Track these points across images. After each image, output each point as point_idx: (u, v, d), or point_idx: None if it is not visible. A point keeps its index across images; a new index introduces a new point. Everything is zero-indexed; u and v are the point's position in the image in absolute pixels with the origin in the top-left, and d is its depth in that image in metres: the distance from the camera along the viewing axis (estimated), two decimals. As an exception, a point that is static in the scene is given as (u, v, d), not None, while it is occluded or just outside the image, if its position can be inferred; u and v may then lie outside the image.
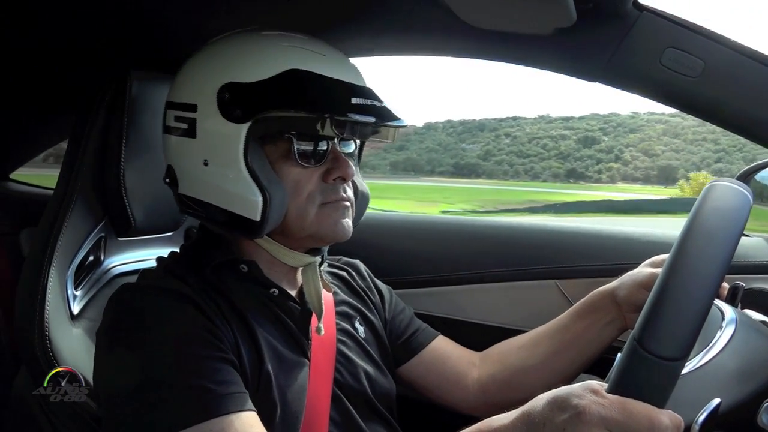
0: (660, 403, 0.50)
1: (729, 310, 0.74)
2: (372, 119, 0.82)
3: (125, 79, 1.02)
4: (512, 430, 0.57)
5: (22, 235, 1.51)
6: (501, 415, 0.60)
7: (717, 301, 0.78)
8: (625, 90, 1.07)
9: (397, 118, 0.86)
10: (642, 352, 0.50)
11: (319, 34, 0.89)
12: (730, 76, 0.97)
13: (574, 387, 0.55)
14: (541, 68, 1.15)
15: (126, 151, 1.02)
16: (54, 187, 1.06)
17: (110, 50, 1.17)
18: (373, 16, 1.16)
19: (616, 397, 0.51)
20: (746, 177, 1.12)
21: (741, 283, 0.83)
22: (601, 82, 1.08)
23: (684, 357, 0.50)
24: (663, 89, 1.02)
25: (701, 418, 0.52)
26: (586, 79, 1.10)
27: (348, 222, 0.88)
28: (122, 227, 1.08)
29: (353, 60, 0.92)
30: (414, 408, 1.07)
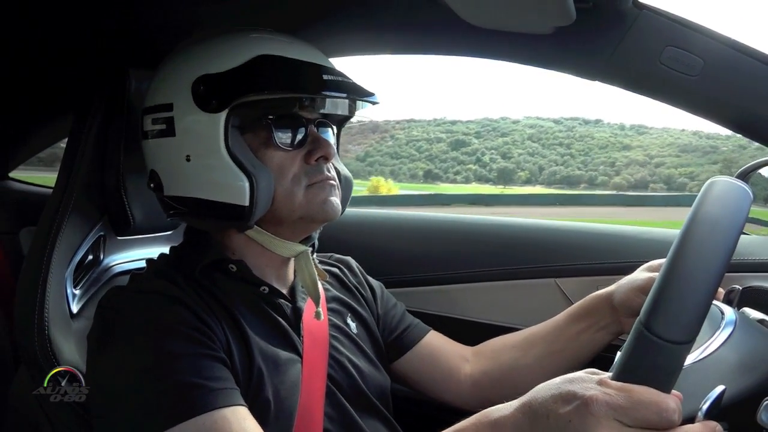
0: (666, 388, 0.50)
1: (728, 310, 0.74)
2: (345, 95, 0.84)
3: (124, 78, 1.02)
4: (512, 421, 0.56)
5: (22, 234, 1.51)
6: (500, 406, 0.59)
7: (716, 302, 0.78)
8: (624, 88, 1.07)
9: (370, 94, 0.87)
10: (649, 336, 0.49)
11: (316, 31, 0.89)
12: (730, 75, 0.97)
13: (577, 375, 0.54)
14: (540, 67, 1.15)
15: (125, 150, 1.02)
16: (53, 185, 1.06)
17: (109, 49, 1.16)
18: (372, 14, 1.16)
19: (621, 384, 0.51)
20: (745, 176, 1.13)
21: (737, 286, 0.83)
22: (600, 80, 1.08)
23: (690, 341, 0.50)
24: (662, 88, 1.02)
25: (706, 405, 0.52)
26: (585, 78, 1.10)
27: (336, 200, 0.88)
28: (121, 226, 1.08)
29: (351, 59, 0.92)
30: (410, 402, 1.07)
